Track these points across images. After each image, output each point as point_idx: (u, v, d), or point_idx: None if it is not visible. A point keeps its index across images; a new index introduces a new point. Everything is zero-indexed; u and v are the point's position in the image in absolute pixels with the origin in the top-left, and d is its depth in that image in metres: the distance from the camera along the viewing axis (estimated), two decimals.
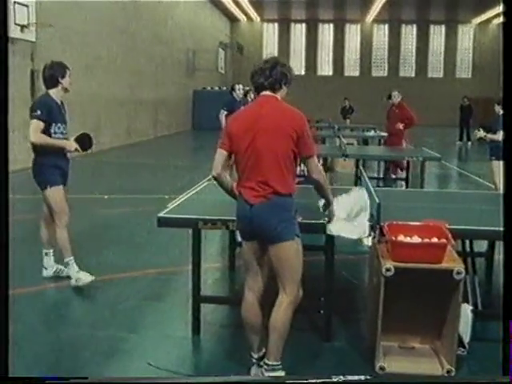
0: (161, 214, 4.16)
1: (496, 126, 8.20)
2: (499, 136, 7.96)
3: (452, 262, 3.66)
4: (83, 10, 15.73)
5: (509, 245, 2.22)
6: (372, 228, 3.85)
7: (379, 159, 11.92)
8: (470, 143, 22.63)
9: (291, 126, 3.28)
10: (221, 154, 3.40)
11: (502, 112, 8.09)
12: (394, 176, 11.62)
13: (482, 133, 8.30)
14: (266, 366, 3.38)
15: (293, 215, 3.36)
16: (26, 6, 12.23)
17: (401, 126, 11.28)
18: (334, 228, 3.65)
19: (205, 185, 5.25)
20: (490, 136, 8.18)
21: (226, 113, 9.93)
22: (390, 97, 11.79)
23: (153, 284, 5.47)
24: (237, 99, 10.68)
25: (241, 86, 10.99)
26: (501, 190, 8.40)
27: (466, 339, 3.86)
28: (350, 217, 3.68)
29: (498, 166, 8.28)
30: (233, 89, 10.96)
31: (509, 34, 2.21)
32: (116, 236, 7.26)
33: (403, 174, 11.11)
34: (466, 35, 37.18)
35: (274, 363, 3.37)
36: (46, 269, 5.38)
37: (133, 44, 19.93)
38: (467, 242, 4.80)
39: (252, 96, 19.41)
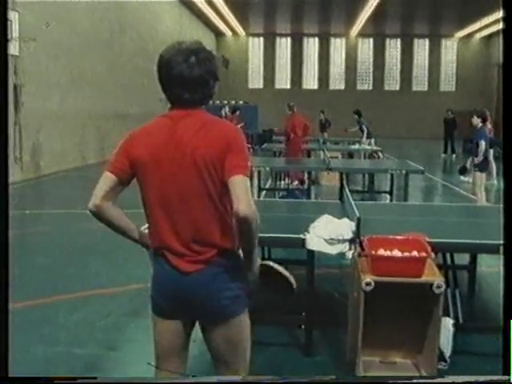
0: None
1: (477, 138, 8.31)
2: (482, 145, 8.06)
3: (432, 276, 3.65)
4: (67, 24, 15.73)
5: (509, 244, 2.22)
6: (352, 242, 3.85)
7: (363, 172, 11.97)
8: (454, 155, 22.82)
9: (221, 139, 2.25)
10: (107, 180, 2.32)
11: (480, 124, 8.20)
12: (290, 186, 11.99)
13: (476, 158, 8.44)
14: None
15: (243, 277, 2.38)
16: (10, 20, 12.21)
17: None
18: (313, 243, 3.65)
19: None
20: (479, 151, 8.31)
21: None
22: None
23: (134, 300, 5.41)
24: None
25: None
26: (483, 202, 8.58)
27: (448, 353, 3.86)
28: (328, 240, 3.69)
29: (481, 178, 8.38)
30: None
31: (509, 41, 2.22)
32: (98, 251, 7.20)
33: (301, 186, 11.59)
34: (449, 49, 37.61)
35: None
36: None
37: (118, 58, 19.94)
38: (448, 255, 4.81)
39: (227, 110, 19.47)
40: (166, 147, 2.26)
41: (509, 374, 2.11)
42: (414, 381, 3.02)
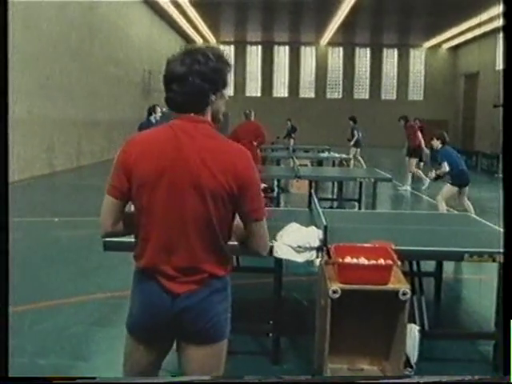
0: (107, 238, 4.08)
1: (440, 159, 8.64)
2: (445, 167, 8.34)
3: (398, 283, 3.69)
4: (35, 29, 15.55)
5: (508, 243, 2.26)
6: (319, 250, 3.88)
7: (332, 180, 12.05)
8: (422, 164, 23.09)
9: (230, 172, 2.14)
10: (111, 205, 2.23)
11: (440, 146, 8.52)
12: None
13: (433, 173, 8.65)
14: None
15: (229, 302, 2.35)
16: None
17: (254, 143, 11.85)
18: (281, 251, 3.66)
19: None
20: (440, 171, 8.53)
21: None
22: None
23: (101, 309, 5.36)
24: (153, 122, 10.06)
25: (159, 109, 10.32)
26: (443, 210, 8.79)
27: (414, 359, 3.90)
28: (296, 248, 3.71)
29: (450, 190, 8.64)
30: (153, 111, 10.33)
31: (509, 41, 2.27)
32: (65, 259, 7.12)
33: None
34: (417, 59, 38.17)
35: None
36: None
37: (87, 64, 19.77)
38: (414, 262, 4.88)
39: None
40: (171, 167, 2.13)
41: (509, 374, 2.13)
42: (381, 381, 3.04)
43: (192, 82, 2.15)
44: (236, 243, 2.33)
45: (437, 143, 8.62)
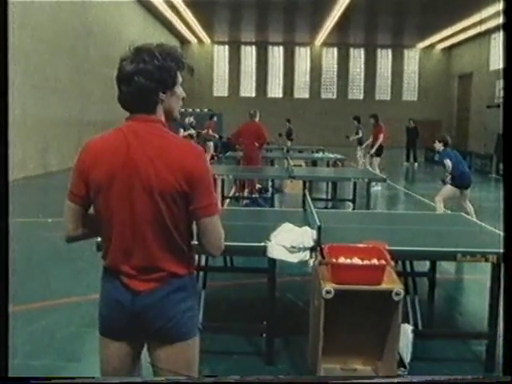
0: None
1: (441, 159, 8.82)
2: (448, 164, 8.50)
3: (391, 283, 3.70)
4: (29, 29, 15.50)
5: (508, 243, 2.26)
6: (313, 250, 3.88)
7: (326, 180, 12.06)
8: (416, 164, 23.23)
9: (179, 170, 2.13)
10: (71, 210, 2.27)
11: (442, 148, 8.67)
12: (247, 194, 12.09)
13: (448, 179, 8.75)
14: None
15: (196, 300, 2.38)
16: None
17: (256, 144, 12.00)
18: (275, 251, 3.66)
19: None
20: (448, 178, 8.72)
21: None
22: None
23: (95, 310, 5.33)
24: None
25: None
26: (441, 210, 8.81)
27: (407, 359, 3.91)
28: (290, 248, 3.71)
29: (450, 191, 8.81)
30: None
31: (509, 41, 2.26)
32: (58, 260, 7.09)
33: (252, 195, 11.80)
34: (411, 59, 38.25)
35: None
36: None
37: (81, 64, 19.74)
38: (408, 262, 4.89)
39: (191, 119, 19.51)
40: (121, 170, 2.14)
41: (509, 374, 2.13)
42: (373, 381, 3.03)
43: (137, 81, 2.15)
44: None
45: (439, 145, 8.81)
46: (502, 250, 3.55)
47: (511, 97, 2.26)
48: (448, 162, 8.58)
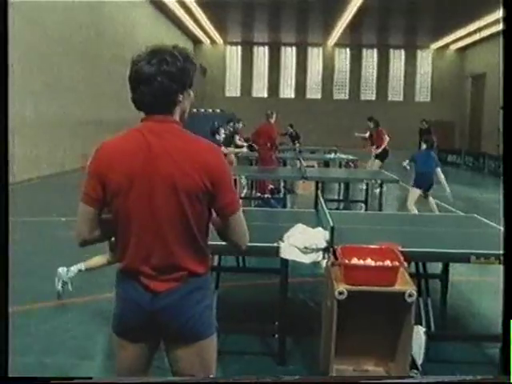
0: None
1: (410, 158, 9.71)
2: (405, 162, 9.60)
3: (404, 285, 3.69)
4: (41, 28, 15.60)
5: (508, 243, 2.26)
6: (326, 251, 3.87)
7: (339, 181, 12.04)
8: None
9: (202, 169, 2.15)
10: (86, 213, 2.23)
11: (424, 149, 9.47)
12: (259, 195, 12.17)
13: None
14: None
15: (213, 298, 2.40)
16: None
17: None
18: (287, 252, 3.66)
19: None
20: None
21: None
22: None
23: (107, 308, 5.34)
24: (218, 139, 10.82)
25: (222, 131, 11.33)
26: (414, 211, 9.21)
27: (419, 361, 3.89)
28: (302, 249, 3.71)
29: (414, 193, 9.43)
30: (217, 132, 11.21)
31: (509, 41, 2.26)
32: (72, 259, 7.12)
33: (263, 196, 11.88)
34: (424, 60, 38.06)
35: None
36: None
37: (94, 64, 19.83)
38: (420, 264, 4.87)
39: (240, 125, 18.61)
40: (142, 171, 2.14)
41: (509, 374, 2.13)
42: (384, 381, 3.02)
43: (161, 82, 2.15)
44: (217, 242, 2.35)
45: (423, 146, 9.58)
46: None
47: (511, 97, 2.26)
48: (404, 163, 9.51)
